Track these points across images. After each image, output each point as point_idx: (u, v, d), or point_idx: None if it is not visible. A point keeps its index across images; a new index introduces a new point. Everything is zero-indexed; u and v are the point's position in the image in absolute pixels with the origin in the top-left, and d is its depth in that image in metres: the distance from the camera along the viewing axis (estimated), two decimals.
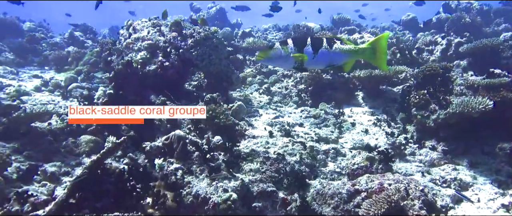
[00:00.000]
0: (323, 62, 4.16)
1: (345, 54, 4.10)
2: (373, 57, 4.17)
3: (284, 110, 7.13)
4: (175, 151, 4.09)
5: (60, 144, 5.40)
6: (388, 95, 7.33)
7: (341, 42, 4.13)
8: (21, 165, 4.71)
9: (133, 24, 6.58)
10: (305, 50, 4.08)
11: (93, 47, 11.26)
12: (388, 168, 4.22)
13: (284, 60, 4.14)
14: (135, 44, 6.10)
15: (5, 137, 5.35)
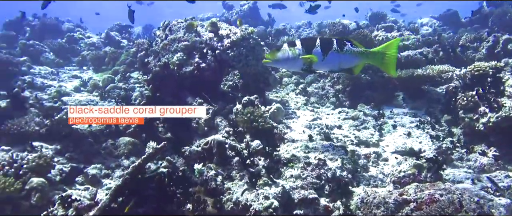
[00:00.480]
0: (333, 64, 4.09)
1: (356, 56, 4.03)
2: (383, 62, 4.08)
3: (321, 111, 6.97)
4: (215, 156, 4.04)
5: (100, 145, 5.49)
6: (431, 95, 7.03)
7: (351, 44, 4.05)
8: (63, 167, 4.81)
9: (169, 25, 6.59)
10: (314, 51, 4.01)
11: (129, 47, 11.45)
12: (438, 177, 4.00)
13: (292, 62, 4.10)
14: (171, 45, 6.11)
15: (48, 139, 5.49)
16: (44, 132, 5.45)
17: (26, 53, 11.03)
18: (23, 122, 5.42)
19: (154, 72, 5.48)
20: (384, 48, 4.09)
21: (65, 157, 5.10)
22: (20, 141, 5.34)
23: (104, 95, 7.88)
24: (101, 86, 8.55)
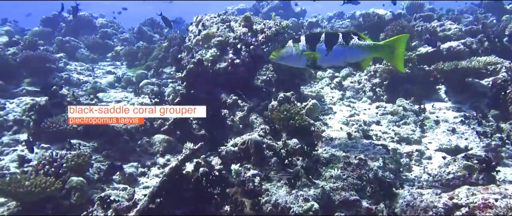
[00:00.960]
0: (338, 59, 4.01)
1: (363, 50, 3.92)
2: (391, 56, 3.97)
3: (358, 107, 6.75)
4: (252, 156, 3.95)
5: (135, 143, 5.51)
6: (475, 88, 6.66)
7: (358, 37, 3.94)
8: (101, 165, 4.86)
9: (202, 20, 6.52)
10: (318, 47, 3.96)
11: (161, 42, 11.51)
12: (491, 179, 3.76)
13: (296, 58, 4.08)
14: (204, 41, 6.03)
15: (85, 136, 5.57)
16: (82, 129, 5.52)
17: (62, 49, 11.29)
18: (62, 120, 5.51)
19: (188, 69, 5.43)
20: (392, 41, 3.97)
21: (102, 154, 5.15)
22: (59, 139, 5.45)
23: (138, 91, 7.94)
24: (135, 82, 8.63)
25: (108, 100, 7.54)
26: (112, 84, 8.77)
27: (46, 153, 4.74)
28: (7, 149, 5.53)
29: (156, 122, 5.80)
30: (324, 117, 5.93)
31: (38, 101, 5.78)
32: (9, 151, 5.45)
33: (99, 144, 5.36)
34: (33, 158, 4.95)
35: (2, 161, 5.07)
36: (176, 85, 7.91)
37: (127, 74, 9.44)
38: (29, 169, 4.47)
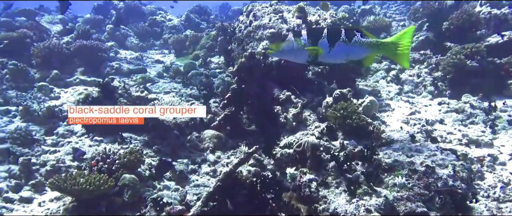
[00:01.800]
0: (340, 56, 3.94)
1: (365, 48, 3.87)
2: (395, 53, 3.89)
3: (417, 102, 6.33)
4: (308, 160, 3.75)
5: (185, 138, 5.46)
6: None
7: (361, 34, 3.89)
8: (152, 160, 4.84)
9: (253, 10, 6.33)
10: (320, 42, 3.88)
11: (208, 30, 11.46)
12: None
13: (297, 53, 3.99)
14: (256, 33, 5.85)
15: (136, 129, 5.59)
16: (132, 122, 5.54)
17: (113, 37, 11.54)
18: None
19: (239, 63, 5.28)
20: (397, 38, 3.88)
21: (152, 149, 5.14)
22: (111, 132, 5.50)
23: (186, 82, 7.92)
24: (183, 72, 8.62)
25: (157, 91, 7.58)
26: (161, 74, 8.82)
27: (99, 148, 4.79)
28: (62, 140, 5.68)
29: (206, 117, 5.72)
30: (381, 114, 5.60)
31: (91, 93, 5.85)
32: (64, 142, 5.59)
33: (150, 138, 5.36)
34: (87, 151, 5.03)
35: (58, 153, 5.20)
36: (225, 76, 7.80)
37: (175, 64, 9.47)
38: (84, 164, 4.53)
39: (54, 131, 5.97)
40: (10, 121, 6.36)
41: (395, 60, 4.12)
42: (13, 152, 5.06)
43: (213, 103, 6.25)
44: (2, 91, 7.31)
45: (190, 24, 13.27)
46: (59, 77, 8.07)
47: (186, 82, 7.91)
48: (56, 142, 5.61)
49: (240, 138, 5.56)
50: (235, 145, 5.38)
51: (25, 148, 5.23)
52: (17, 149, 5.11)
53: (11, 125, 6.19)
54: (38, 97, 7.15)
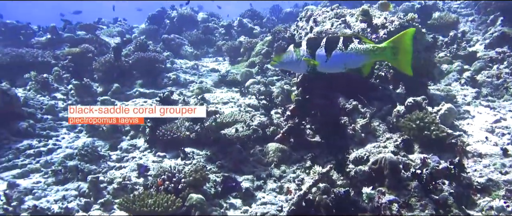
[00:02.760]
0: (338, 65, 3.91)
1: (361, 55, 3.78)
2: (394, 58, 3.75)
3: (500, 107, 5.81)
4: (386, 178, 3.51)
5: (248, 152, 5.39)
6: None
7: (359, 41, 3.79)
8: (215, 176, 4.80)
9: (313, 15, 6.14)
10: (317, 53, 3.90)
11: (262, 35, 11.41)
12: None
13: (297, 64, 4.05)
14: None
15: (198, 144, 5.61)
16: (194, 137, 5.56)
17: (168, 47, 11.80)
18: (175, 128, 5.60)
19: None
20: (394, 42, 3.71)
21: (216, 165, 5.10)
22: (173, 147, 5.55)
23: (244, 91, 7.87)
24: (240, 81, 8.59)
25: (215, 102, 7.59)
26: (217, 83, 8.86)
27: (164, 164, 4.83)
28: (126, 155, 5.82)
29: (269, 130, 5.61)
30: (460, 122, 5.19)
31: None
32: (129, 157, 5.72)
33: (212, 153, 5.34)
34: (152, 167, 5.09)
35: (124, 169, 5.32)
36: (283, 84, 7.67)
37: (231, 72, 9.47)
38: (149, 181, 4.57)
39: (118, 146, 6.14)
40: (77, 136, 6.64)
41: (394, 65, 3.97)
42: (82, 169, 5.24)
43: (275, 113, 6.12)
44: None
45: (243, 29, 13.30)
46: (120, 90, 8.33)
47: (243, 91, 7.87)
48: (121, 157, 5.75)
49: (304, 150, 5.39)
50: (299, 158, 5.23)
51: (93, 164, 5.39)
52: (85, 166, 5.28)
53: (78, 141, 6.45)
54: None
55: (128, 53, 10.08)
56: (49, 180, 5.24)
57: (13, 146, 6.04)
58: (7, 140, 6.20)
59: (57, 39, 11.86)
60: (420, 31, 5.36)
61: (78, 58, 9.24)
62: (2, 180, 5.29)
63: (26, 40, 13.93)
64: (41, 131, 6.56)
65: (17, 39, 14.30)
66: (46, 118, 7.08)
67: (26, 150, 5.99)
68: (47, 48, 11.43)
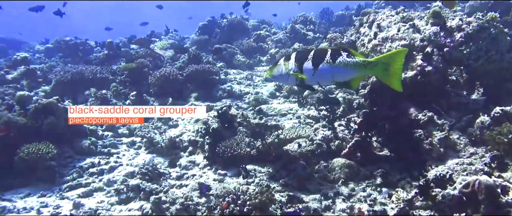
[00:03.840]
0: (325, 78, 3.91)
1: (351, 68, 3.77)
2: (385, 74, 3.77)
3: None
4: (482, 204, 3.15)
5: (312, 168, 5.16)
6: None
7: (348, 54, 3.78)
8: (280, 196, 4.61)
9: (375, 20, 5.82)
10: (305, 66, 3.90)
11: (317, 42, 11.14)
12: None
13: (286, 78, 4.06)
14: (383, 46, 5.34)
15: (258, 160, 5.45)
16: (255, 153, 5.41)
17: (221, 57, 11.83)
18: (235, 144, 5.48)
19: (371, 84, 4.83)
20: (386, 58, 3.74)
21: (279, 183, 4.91)
22: (234, 164, 5.44)
23: (302, 101, 7.65)
24: (297, 91, 8.38)
25: (272, 114, 7.42)
26: (273, 93, 8.70)
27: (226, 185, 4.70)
28: (185, 172, 5.78)
29: (334, 144, 5.36)
30: None
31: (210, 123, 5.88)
32: (188, 174, 5.67)
33: (275, 170, 5.16)
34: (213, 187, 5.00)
35: (184, 188, 5.26)
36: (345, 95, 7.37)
37: None
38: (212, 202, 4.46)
39: (177, 163, 6.12)
40: (137, 153, 6.72)
41: (384, 81, 3.94)
42: (143, 188, 5.25)
43: (338, 126, 5.85)
44: None
45: (296, 35, 13.09)
46: (175, 104, 8.39)
47: (302, 101, 7.65)
48: (181, 175, 5.72)
49: (372, 165, 5.08)
50: (368, 174, 4.92)
51: (154, 183, 5.39)
52: (146, 185, 5.29)
53: (137, 158, 6.52)
54: (159, 127, 7.47)
55: (182, 65, 10.19)
56: (112, 199, 5.30)
57: (77, 164, 6.20)
58: (71, 158, 6.38)
59: (113, 54, 12.29)
60: (502, 32, 4.89)
61: (134, 73, 9.44)
62: (68, 199, 5.42)
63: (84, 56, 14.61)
64: (102, 148, 6.70)
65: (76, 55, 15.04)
66: (106, 135, 7.25)
67: (89, 168, 6.12)
68: (104, 64, 11.88)
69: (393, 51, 3.86)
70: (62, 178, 5.90)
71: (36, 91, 9.79)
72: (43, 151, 5.80)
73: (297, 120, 6.92)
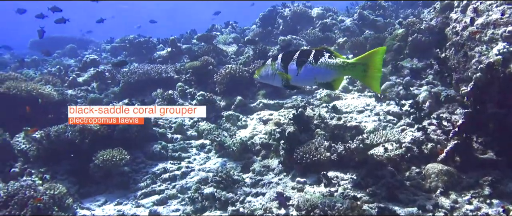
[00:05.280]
0: (308, 79, 3.97)
1: (331, 69, 3.83)
2: (363, 75, 3.77)
3: None
4: None
5: (403, 175, 4.68)
6: None
7: (330, 55, 3.85)
8: (369, 207, 4.21)
9: (470, 4, 5.16)
10: (289, 66, 3.99)
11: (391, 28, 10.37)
12: None
13: (272, 78, 4.16)
14: (483, 33, 4.70)
15: (339, 165, 5.08)
16: (336, 158, 5.04)
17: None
18: (313, 149, 5.14)
19: (475, 79, 4.24)
20: (364, 58, 3.72)
21: (366, 193, 4.50)
22: (313, 170, 5.10)
23: (380, 96, 7.10)
24: None
25: (348, 110, 6.95)
26: (346, 87, 8.21)
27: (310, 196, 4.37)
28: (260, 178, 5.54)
29: (426, 147, 4.83)
30: None
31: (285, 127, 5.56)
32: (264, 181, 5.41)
33: (360, 177, 4.74)
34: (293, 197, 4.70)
35: (261, 198, 5.02)
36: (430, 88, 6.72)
37: None
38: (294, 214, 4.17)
39: (251, 168, 5.91)
40: (207, 157, 6.58)
41: (363, 83, 3.96)
42: (219, 197, 5.07)
43: (429, 125, 5.28)
44: (195, 124, 7.72)
45: (364, 22, 12.36)
46: (243, 103, 8.18)
47: (379, 96, 7.10)
48: (256, 182, 5.50)
49: (474, 171, 4.51)
50: (472, 182, 4.35)
51: (229, 192, 5.20)
52: (221, 194, 5.11)
53: (209, 162, 6.39)
54: (228, 128, 7.29)
55: (247, 60, 9.95)
56: (187, 208, 5.20)
57: (149, 170, 6.18)
58: (144, 164, 6.38)
59: (176, 52, 12.34)
60: None
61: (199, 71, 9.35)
62: (144, 207, 5.39)
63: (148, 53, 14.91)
64: (173, 152, 6.64)
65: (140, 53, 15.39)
66: (176, 138, 7.20)
67: (161, 174, 6.08)
68: (168, 62, 11.96)
69: (370, 51, 3.75)
70: (136, 185, 5.91)
71: (106, 93, 10.03)
72: (117, 158, 5.83)
73: (377, 117, 6.41)
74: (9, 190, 4.97)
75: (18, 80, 8.03)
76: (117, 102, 9.52)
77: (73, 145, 6.16)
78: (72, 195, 5.56)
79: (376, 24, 12.00)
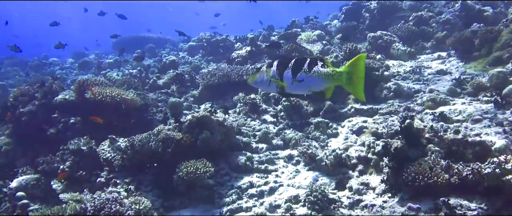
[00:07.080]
0: (303, 87, 4.10)
1: (323, 79, 3.97)
2: (349, 83, 3.94)
3: None
4: None
5: None
6: None
7: (323, 64, 4.00)
8: None
9: None
10: (285, 74, 4.11)
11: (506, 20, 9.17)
12: None
13: (267, 85, 4.32)
14: None
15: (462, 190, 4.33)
16: (457, 181, 4.29)
17: (375, 47, 10.66)
18: (427, 168, 4.43)
19: None
20: (349, 66, 3.92)
21: None
22: (426, 194, 4.40)
23: (502, 101, 6.13)
24: (487, 86, 6.85)
25: (459, 118, 6.09)
26: (453, 90, 7.27)
27: None
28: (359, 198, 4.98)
29: None
30: None
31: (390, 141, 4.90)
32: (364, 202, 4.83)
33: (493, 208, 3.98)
34: None
35: None
36: None
37: (470, 74, 7.76)
38: None
39: (347, 185, 5.35)
40: (297, 171, 6.11)
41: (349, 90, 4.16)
42: None
43: None
44: (281, 131, 7.28)
45: (468, 15, 11.11)
46: (332, 107, 7.59)
47: (501, 102, 6.13)
48: (354, 202, 4.95)
49: None
50: None
51: (325, 214, 4.68)
52: None
53: (298, 176, 5.92)
54: (317, 137, 6.76)
55: (334, 60, 9.33)
56: None
57: (235, 184, 5.85)
58: (228, 176, 6.07)
59: (256, 51, 12.03)
60: None
61: None
62: None
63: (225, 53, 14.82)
64: (259, 165, 6.26)
65: (217, 53, 15.36)
66: (261, 148, 6.81)
67: (247, 189, 5.71)
68: (247, 62, 11.67)
69: (353, 59, 3.93)
70: (221, 199, 5.61)
71: (185, 97, 9.97)
72: (201, 171, 5.56)
73: (501, 128, 5.50)
74: (96, 204, 4.87)
75: (102, 85, 8.13)
76: (198, 106, 9.39)
77: (156, 155, 6.00)
78: (156, 209, 5.39)
79: (483, 15, 10.72)
